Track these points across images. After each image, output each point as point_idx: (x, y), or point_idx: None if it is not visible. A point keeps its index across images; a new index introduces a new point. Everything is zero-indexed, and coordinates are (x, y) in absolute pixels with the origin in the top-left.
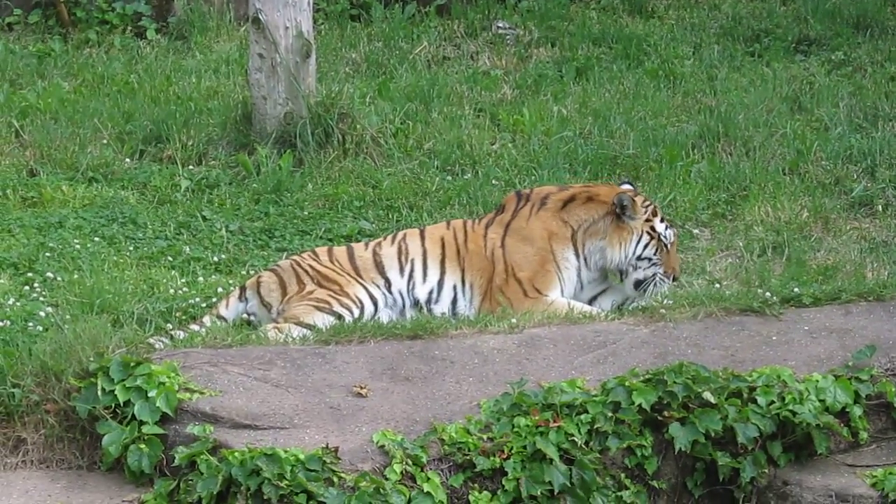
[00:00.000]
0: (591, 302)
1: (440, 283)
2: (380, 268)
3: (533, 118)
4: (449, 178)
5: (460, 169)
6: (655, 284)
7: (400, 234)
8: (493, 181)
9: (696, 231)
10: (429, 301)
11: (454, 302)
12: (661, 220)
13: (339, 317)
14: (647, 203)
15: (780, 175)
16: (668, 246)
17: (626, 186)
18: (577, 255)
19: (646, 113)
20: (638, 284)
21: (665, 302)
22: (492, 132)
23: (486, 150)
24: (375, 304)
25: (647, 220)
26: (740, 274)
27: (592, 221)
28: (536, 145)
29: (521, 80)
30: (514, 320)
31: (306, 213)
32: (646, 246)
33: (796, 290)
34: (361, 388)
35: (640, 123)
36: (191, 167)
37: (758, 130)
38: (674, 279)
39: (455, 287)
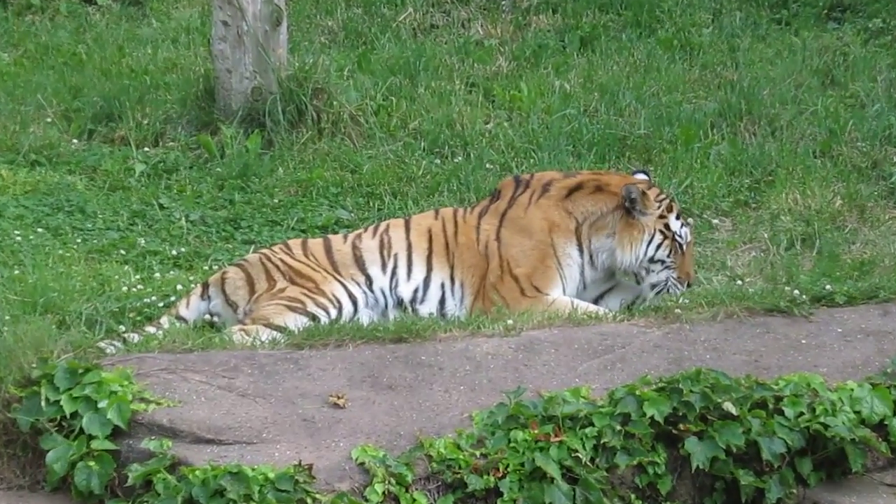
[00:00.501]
0: (597, 301)
1: (426, 281)
2: (360, 263)
3: (532, 94)
4: (437, 161)
5: (450, 151)
6: (668, 290)
7: (382, 226)
8: (487, 165)
9: (715, 221)
10: (414, 300)
11: (442, 301)
12: (677, 217)
13: (314, 318)
14: (662, 197)
15: (810, 158)
16: (684, 247)
17: (640, 176)
18: (581, 251)
19: (659, 88)
20: (653, 289)
21: (681, 301)
22: (485, 110)
23: (478, 130)
24: (355, 303)
25: (661, 217)
26: (765, 269)
27: (600, 215)
28: (536, 124)
29: (519, 51)
30: (510, 322)
31: (277, 200)
32: (658, 246)
33: (828, 287)
34: (339, 397)
35: (652, 100)
36: (146, 149)
37: (785, 108)
38: (688, 285)
39: (443, 285)
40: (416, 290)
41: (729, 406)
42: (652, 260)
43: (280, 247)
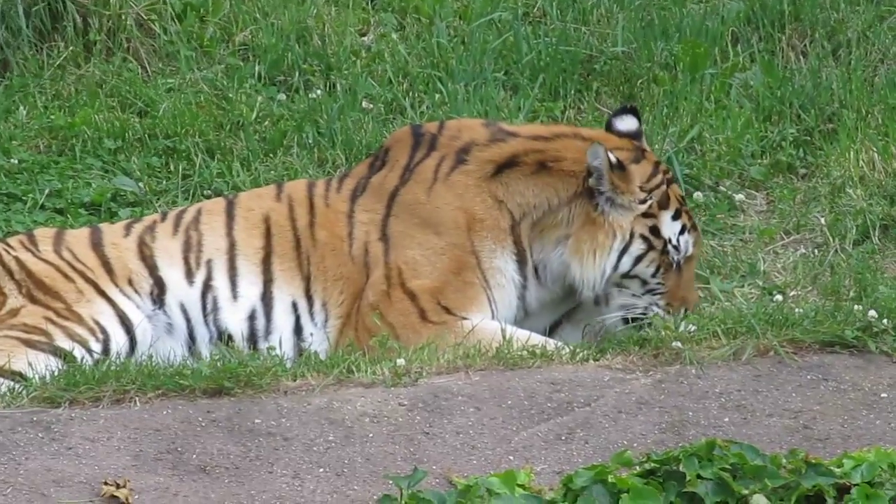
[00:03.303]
0: (552, 331)
1: (266, 302)
2: (149, 268)
3: None
4: (282, 96)
5: (302, 80)
6: (646, 322)
7: (189, 212)
8: (365, 104)
9: (739, 197)
10: (253, 336)
11: (298, 331)
12: (676, 217)
13: (69, 357)
14: (657, 181)
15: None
16: (680, 262)
17: (625, 123)
18: (521, 263)
19: None
20: (623, 312)
21: (683, 329)
22: (362, 13)
23: (350, 47)
24: (130, 331)
25: (648, 215)
26: (821, 277)
27: (548, 209)
28: (444, 37)
29: None
30: (401, 362)
31: (15, 161)
32: (638, 259)
33: None
34: (119, 486)
35: None
36: None
37: (855, 10)
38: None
39: (295, 305)
40: (252, 318)
41: (761, 501)
42: (626, 275)
43: (19, 240)
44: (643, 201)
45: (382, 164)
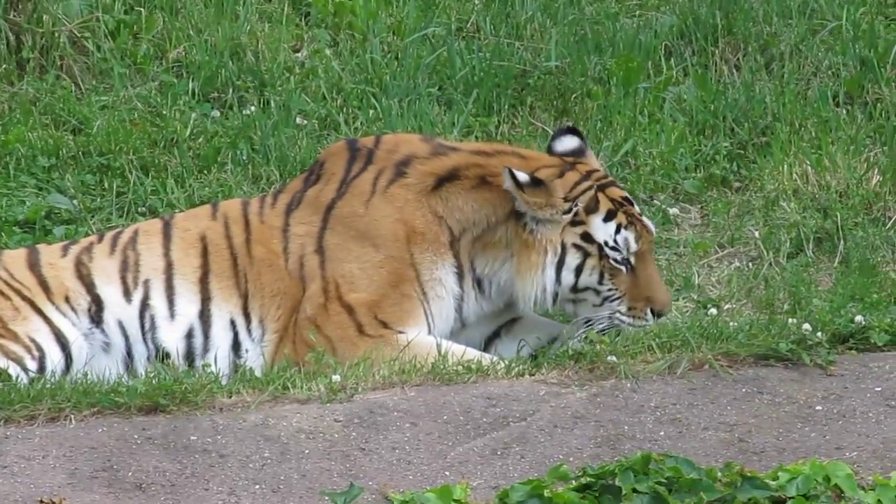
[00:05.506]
0: (488, 343)
1: (204, 320)
2: (86, 285)
3: (371, 3)
4: (216, 113)
5: (236, 97)
6: (618, 332)
7: (126, 234)
8: (299, 120)
9: (673, 211)
10: (190, 354)
11: (236, 347)
12: (609, 217)
13: (3, 375)
14: (582, 184)
15: (829, 106)
16: (630, 261)
17: (566, 143)
18: (461, 276)
19: None
20: (591, 329)
21: (617, 344)
22: (295, 29)
23: (284, 64)
24: (66, 348)
25: (576, 222)
26: (755, 290)
27: (486, 226)
28: (378, 53)
29: None
30: (336, 378)
31: None
32: (578, 270)
33: (859, 319)
34: (55, 503)
35: (569, 12)
36: None
37: (788, 23)
38: (658, 315)
39: (233, 323)
40: (188, 337)
41: None
42: (576, 289)
43: None
44: (568, 211)
45: (317, 178)
